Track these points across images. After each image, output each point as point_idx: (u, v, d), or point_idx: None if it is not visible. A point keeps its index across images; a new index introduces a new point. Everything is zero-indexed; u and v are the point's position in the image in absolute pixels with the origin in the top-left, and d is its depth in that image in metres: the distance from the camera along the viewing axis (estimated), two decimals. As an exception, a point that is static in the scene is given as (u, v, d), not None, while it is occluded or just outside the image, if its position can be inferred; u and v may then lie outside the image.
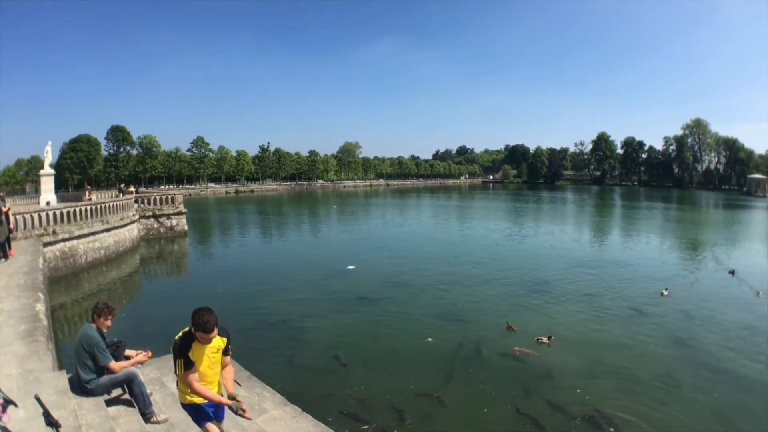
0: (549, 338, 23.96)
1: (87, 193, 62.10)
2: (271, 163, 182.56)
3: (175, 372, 7.43)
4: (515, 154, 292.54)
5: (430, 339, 23.97)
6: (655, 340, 25.55)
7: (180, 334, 7.43)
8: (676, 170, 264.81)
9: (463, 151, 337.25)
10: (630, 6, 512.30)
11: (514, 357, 22.24)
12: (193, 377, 7.29)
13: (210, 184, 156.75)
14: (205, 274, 39.85)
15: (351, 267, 40.46)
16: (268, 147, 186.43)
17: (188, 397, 7.54)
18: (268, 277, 37.31)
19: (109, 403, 10.10)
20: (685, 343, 25.00)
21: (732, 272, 41.53)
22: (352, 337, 24.19)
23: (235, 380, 11.61)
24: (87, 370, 9.91)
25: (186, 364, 7.25)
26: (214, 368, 7.60)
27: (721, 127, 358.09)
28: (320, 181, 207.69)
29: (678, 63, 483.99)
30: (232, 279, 36.62)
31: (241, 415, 7.53)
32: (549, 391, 18.93)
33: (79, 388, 10.01)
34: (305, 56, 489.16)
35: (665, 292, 34.76)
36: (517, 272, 40.69)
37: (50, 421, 6.36)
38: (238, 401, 7.55)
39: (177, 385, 7.84)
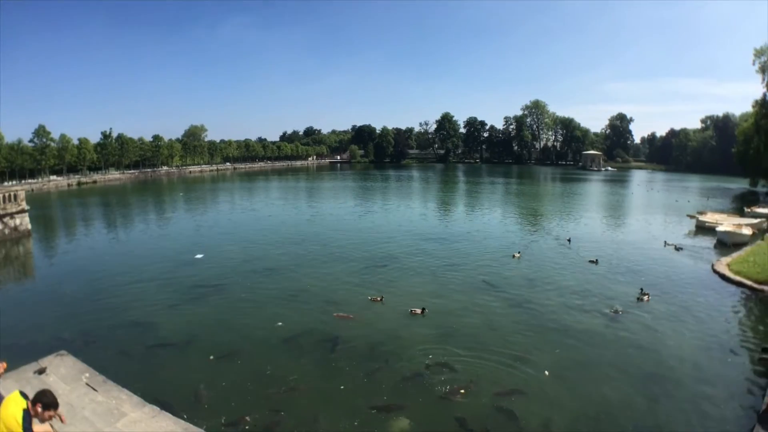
0: (423, 310, 26.03)
1: None
2: (113, 151, 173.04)
3: None
4: (362, 135, 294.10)
5: (280, 323, 24.81)
6: (501, 304, 28.50)
7: (22, 411, 7.89)
8: (516, 147, 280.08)
9: (310, 132, 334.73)
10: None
11: (363, 331, 23.75)
12: None
13: (52, 177, 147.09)
14: (51, 275, 37.54)
15: (199, 255, 40.28)
16: (110, 133, 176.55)
17: None
18: (116, 273, 35.97)
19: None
20: (528, 305, 28.10)
21: (569, 240, 45.17)
22: (204, 327, 24.46)
23: (90, 385, 11.96)
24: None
25: None
26: None
27: (559, 108, 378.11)
28: (165, 168, 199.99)
29: (520, 49, 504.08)
30: (80, 278, 35.05)
31: None
32: (399, 358, 20.69)
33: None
34: (149, 36, 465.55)
35: (517, 255, 38.43)
36: (366, 250, 42.76)
37: None
38: None
39: None
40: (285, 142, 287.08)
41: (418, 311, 25.88)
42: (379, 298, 28.04)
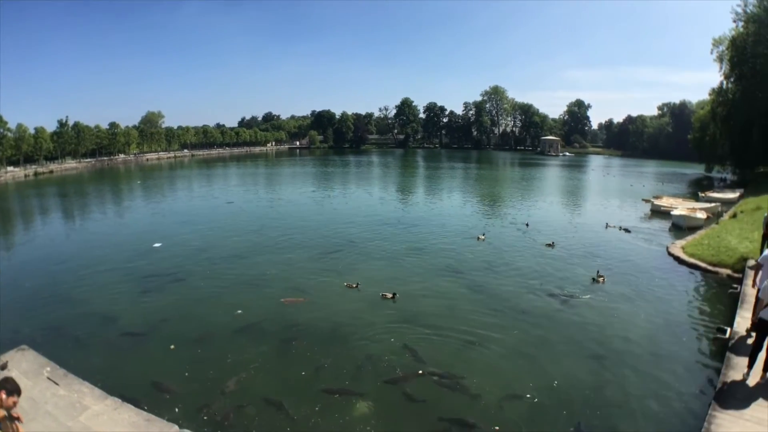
0: (394, 295, 26.26)
1: None
2: (70, 140, 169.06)
3: None
4: (321, 120, 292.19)
5: (240, 311, 24.69)
6: (462, 286, 28.90)
7: None
8: (475, 133, 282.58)
9: (269, 117, 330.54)
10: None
11: (324, 317, 23.86)
12: None
13: (9, 168, 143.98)
14: (10, 269, 36.22)
15: (157, 244, 39.72)
16: (66, 121, 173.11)
17: None
18: (75, 264, 35.24)
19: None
20: (488, 288, 28.62)
21: (527, 224, 45.98)
22: (164, 317, 24.22)
23: (51, 379, 11.90)
24: None
25: None
26: None
27: (518, 94, 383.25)
28: (122, 156, 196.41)
29: (480, 35, 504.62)
30: (39, 271, 34.18)
31: None
32: (360, 342, 20.95)
33: None
34: (105, 22, 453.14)
35: (482, 237, 39.46)
36: (326, 235, 43.01)
37: None
38: None
39: None
40: (244, 128, 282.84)
41: (389, 296, 26.17)
42: (354, 285, 28.10)
